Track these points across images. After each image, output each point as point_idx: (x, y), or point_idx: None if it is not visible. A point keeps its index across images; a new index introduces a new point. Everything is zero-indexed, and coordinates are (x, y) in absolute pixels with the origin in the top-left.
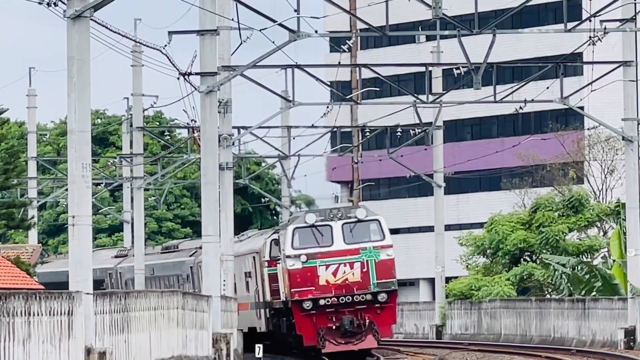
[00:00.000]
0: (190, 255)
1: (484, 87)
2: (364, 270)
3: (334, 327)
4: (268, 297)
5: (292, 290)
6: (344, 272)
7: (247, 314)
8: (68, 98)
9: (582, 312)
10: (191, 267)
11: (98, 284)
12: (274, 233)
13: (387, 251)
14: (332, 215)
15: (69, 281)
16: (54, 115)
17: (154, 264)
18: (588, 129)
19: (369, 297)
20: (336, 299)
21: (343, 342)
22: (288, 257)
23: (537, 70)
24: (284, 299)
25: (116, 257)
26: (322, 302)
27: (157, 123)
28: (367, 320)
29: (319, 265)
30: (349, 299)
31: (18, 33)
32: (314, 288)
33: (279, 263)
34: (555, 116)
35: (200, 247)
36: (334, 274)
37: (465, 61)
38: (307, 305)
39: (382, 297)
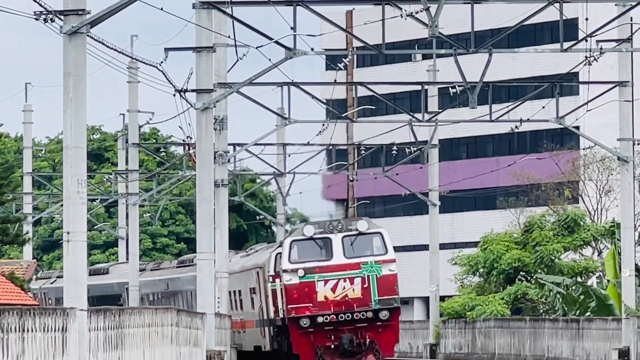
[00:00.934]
0: None
1: (480, 106)
2: (365, 286)
3: (332, 347)
4: (272, 314)
5: (289, 306)
6: (344, 288)
7: (253, 332)
8: (64, 114)
9: (576, 332)
10: None
11: (115, 299)
12: (279, 247)
13: (389, 266)
14: (331, 228)
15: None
16: (49, 131)
17: (169, 279)
18: (583, 149)
19: (369, 314)
20: (335, 317)
21: None
22: (285, 271)
23: (533, 89)
24: (282, 316)
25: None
26: (320, 319)
27: (154, 140)
28: (368, 340)
29: (317, 281)
30: (348, 317)
31: (14, 48)
32: (311, 304)
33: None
34: (551, 136)
35: None
36: (333, 289)
37: (461, 80)
38: (305, 322)
39: (383, 314)
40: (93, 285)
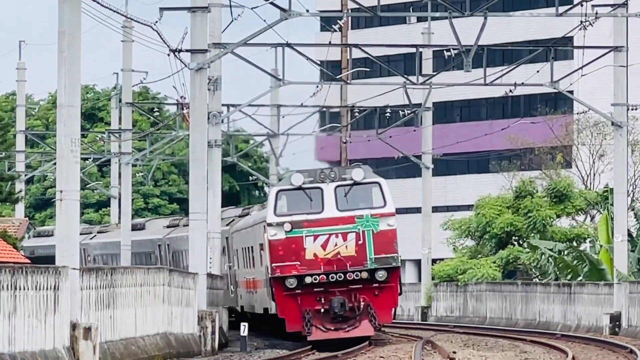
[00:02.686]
0: (227, 225)
1: (474, 70)
2: (360, 242)
3: (322, 310)
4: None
5: (273, 265)
6: (336, 245)
7: (262, 292)
8: (58, 72)
9: (567, 297)
10: (227, 238)
11: (149, 256)
12: None
13: (387, 220)
14: (323, 176)
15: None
16: (43, 90)
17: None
18: (577, 114)
19: (364, 274)
20: (325, 277)
21: (333, 328)
22: (269, 225)
23: (527, 53)
24: (268, 276)
25: (168, 227)
26: (308, 279)
27: (146, 98)
28: (363, 303)
29: (306, 236)
30: (340, 277)
31: (8, 6)
32: (299, 263)
33: None
34: (545, 100)
35: (239, 217)
36: (324, 246)
37: (456, 43)
38: (291, 283)
39: (380, 275)
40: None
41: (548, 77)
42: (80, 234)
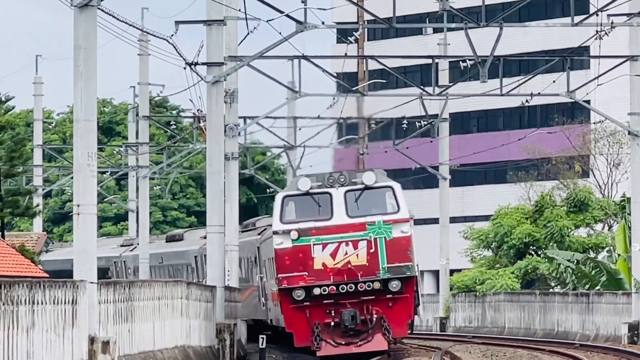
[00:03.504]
0: (258, 234)
1: (491, 80)
2: (372, 250)
3: (332, 324)
4: None
5: (280, 275)
6: (346, 253)
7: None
8: (74, 87)
9: (586, 307)
10: (258, 248)
11: (185, 267)
12: None
13: (401, 227)
14: (332, 181)
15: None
16: (60, 104)
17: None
18: (594, 123)
19: (377, 285)
20: (335, 288)
21: (343, 342)
22: (275, 233)
23: (543, 63)
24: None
25: (204, 237)
26: (317, 291)
27: (164, 109)
28: (375, 316)
29: (314, 244)
30: (351, 288)
31: (25, 21)
32: (307, 273)
33: None
34: (562, 110)
35: (270, 225)
36: (333, 255)
37: (472, 54)
38: (298, 295)
39: (394, 285)
40: (168, 253)
41: (564, 87)
42: (121, 246)
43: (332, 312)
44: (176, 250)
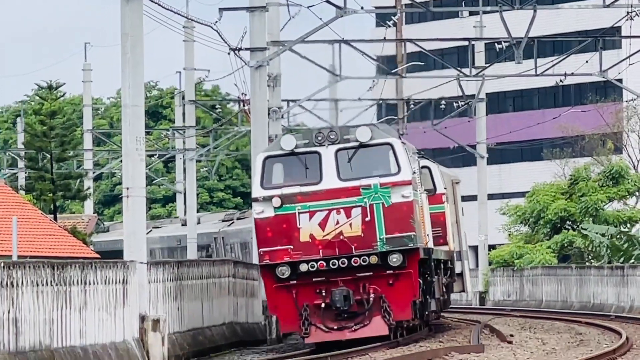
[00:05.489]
0: None
1: (525, 61)
2: (367, 219)
3: (323, 306)
4: None
5: (260, 250)
6: (337, 223)
7: None
8: (122, 73)
9: (621, 279)
10: None
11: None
12: None
13: (402, 190)
14: (321, 138)
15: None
16: (108, 89)
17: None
18: (626, 101)
19: (374, 259)
20: (325, 263)
21: (336, 327)
22: (255, 200)
23: (576, 44)
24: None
25: (223, 221)
26: (303, 267)
27: (213, 97)
28: (373, 295)
29: (300, 213)
30: (344, 263)
31: (74, 10)
32: (292, 247)
33: None
34: (595, 88)
35: None
36: (322, 225)
37: (507, 36)
38: (283, 272)
39: (394, 259)
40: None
41: (597, 67)
42: (222, 221)
43: (323, 291)
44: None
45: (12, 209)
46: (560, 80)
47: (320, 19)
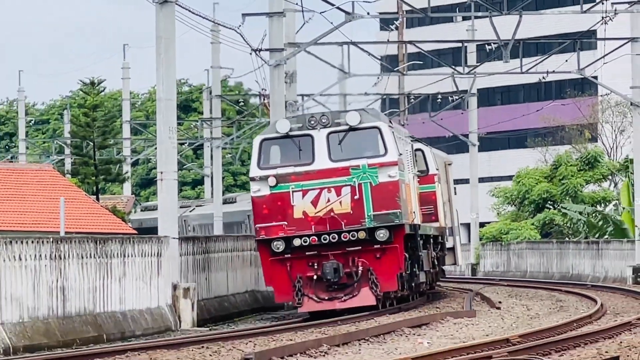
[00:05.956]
0: None
1: (512, 60)
2: (356, 197)
3: (315, 278)
4: None
5: (257, 226)
6: (328, 201)
7: None
8: (157, 72)
9: (596, 253)
10: None
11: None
12: None
13: (388, 170)
14: (314, 122)
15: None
16: (145, 85)
17: None
18: (601, 96)
19: (362, 234)
20: (317, 238)
21: (327, 298)
22: (252, 180)
23: (557, 45)
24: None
25: None
26: (297, 242)
27: (237, 92)
28: (362, 268)
29: (293, 191)
30: (334, 238)
31: (114, 15)
32: (286, 223)
33: None
34: (573, 85)
35: None
36: (314, 202)
37: (496, 38)
38: (277, 246)
39: (381, 234)
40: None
41: (575, 65)
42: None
43: (315, 264)
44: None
45: (59, 191)
46: (543, 77)
47: (331, 23)
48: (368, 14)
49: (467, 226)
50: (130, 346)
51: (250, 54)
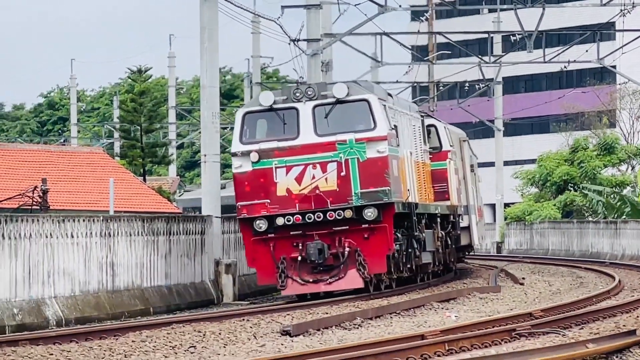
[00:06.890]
0: None
1: (535, 50)
2: (343, 174)
3: (299, 259)
4: None
5: (239, 204)
6: (313, 177)
7: None
8: (201, 60)
9: (614, 232)
10: None
11: None
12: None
13: (377, 146)
14: (299, 95)
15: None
16: (190, 72)
17: None
18: (619, 84)
19: (349, 213)
20: (301, 217)
21: (311, 280)
22: (234, 155)
23: (578, 36)
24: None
25: None
26: (280, 221)
27: (275, 79)
28: (349, 249)
29: (277, 167)
30: (319, 217)
31: (160, 6)
32: (269, 201)
33: None
34: (593, 74)
35: None
36: (299, 179)
37: (520, 29)
38: (260, 225)
39: (369, 213)
40: None
41: (595, 55)
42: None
43: (299, 245)
44: None
45: (109, 172)
46: (564, 67)
47: (365, 14)
48: (400, 6)
49: (493, 207)
50: (176, 318)
51: (289, 43)
